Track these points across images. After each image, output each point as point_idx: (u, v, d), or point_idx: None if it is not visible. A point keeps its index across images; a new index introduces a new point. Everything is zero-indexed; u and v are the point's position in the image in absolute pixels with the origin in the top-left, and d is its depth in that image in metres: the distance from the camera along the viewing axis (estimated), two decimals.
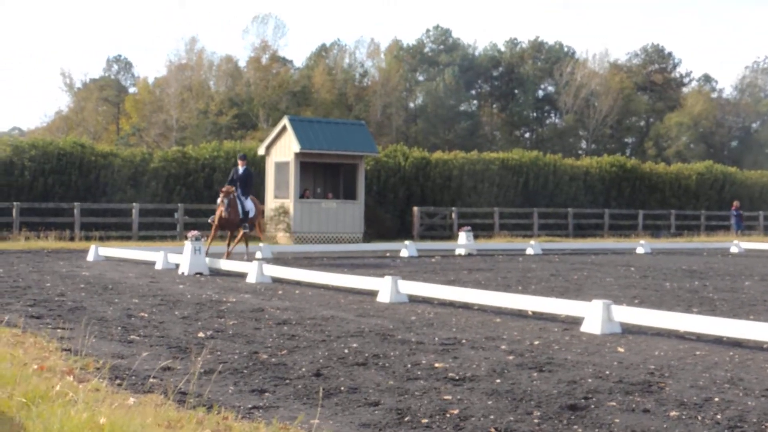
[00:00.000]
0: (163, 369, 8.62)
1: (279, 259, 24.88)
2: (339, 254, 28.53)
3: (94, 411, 6.40)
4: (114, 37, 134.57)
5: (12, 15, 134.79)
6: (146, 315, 12.83)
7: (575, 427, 6.66)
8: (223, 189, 23.48)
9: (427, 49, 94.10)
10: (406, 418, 6.86)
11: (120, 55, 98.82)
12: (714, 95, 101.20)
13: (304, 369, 8.77)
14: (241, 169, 24.08)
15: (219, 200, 23.33)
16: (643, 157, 74.45)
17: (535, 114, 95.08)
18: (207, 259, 20.52)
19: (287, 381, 8.21)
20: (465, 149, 51.34)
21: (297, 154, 33.62)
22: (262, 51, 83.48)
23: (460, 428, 6.61)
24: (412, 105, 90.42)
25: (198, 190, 38.39)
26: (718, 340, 10.91)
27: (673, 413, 7.09)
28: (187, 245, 20.20)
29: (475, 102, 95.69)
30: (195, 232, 20.44)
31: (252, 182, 24.77)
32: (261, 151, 35.90)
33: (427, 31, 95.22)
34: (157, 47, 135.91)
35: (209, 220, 24.01)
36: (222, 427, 6.32)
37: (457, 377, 8.44)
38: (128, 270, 21.16)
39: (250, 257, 24.03)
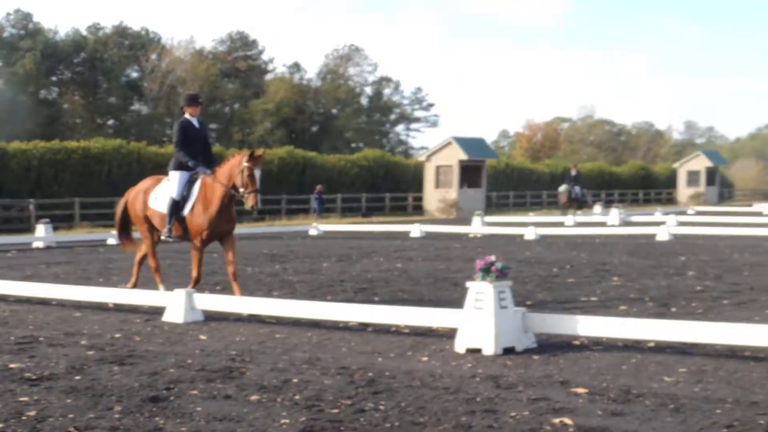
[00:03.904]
0: None
1: None
2: None
3: None
4: None
5: None
6: None
7: (157, 419, 6.59)
8: (257, 152, 13.13)
9: (6, 34, 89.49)
10: None
11: None
12: (303, 82, 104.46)
13: None
14: (196, 121, 13.67)
15: (243, 174, 12.76)
16: (229, 143, 75.47)
17: (119, 101, 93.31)
18: None
19: None
20: (46, 138, 49.46)
21: None
22: None
23: (37, 430, 6.33)
24: None
25: None
26: (297, 322, 11.23)
27: (253, 397, 7.21)
28: None
29: (56, 89, 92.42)
30: None
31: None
32: None
33: (8, 14, 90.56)
34: None
35: (165, 234, 13.45)
36: None
37: (34, 377, 8.09)
38: None
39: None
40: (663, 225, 29.92)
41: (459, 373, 8.07)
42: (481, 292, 9.04)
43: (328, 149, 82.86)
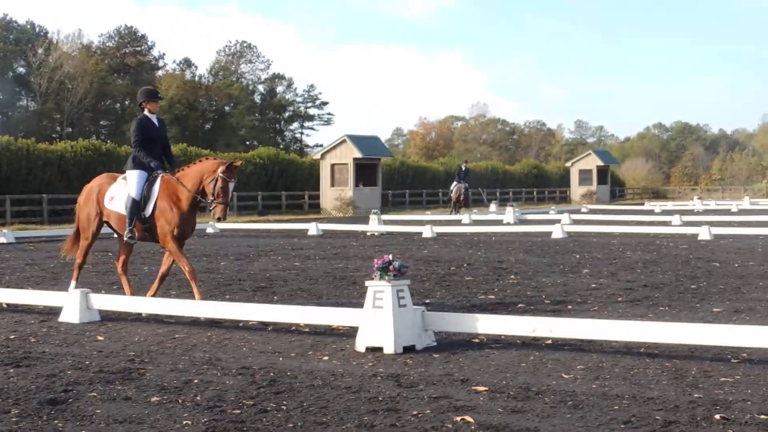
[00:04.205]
0: None
1: None
2: None
3: None
4: None
5: None
6: None
7: (56, 421, 6.48)
8: (236, 164, 12.31)
9: None
10: None
11: None
12: (194, 79, 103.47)
13: None
14: (156, 118, 12.74)
15: (215, 184, 11.89)
16: (121, 140, 74.36)
17: (6, 97, 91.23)
18: None
19: None
20: None
21: None
22: None
23: None
24: None
25: None
26: (197, 322, 11.15)
27: (154, 399, 7.13)
28: None
29: None
30: None
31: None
32: None
33: None
34: None
35: (127, 237, 12.39)
36: None
37: None
38: None
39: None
40: (558, 223, 30.36)
41: (360, 372, 8.09)
42: (380, 291, 9.08)
43: (222, 147, 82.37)
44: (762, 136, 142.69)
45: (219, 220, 12.05)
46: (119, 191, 12.50)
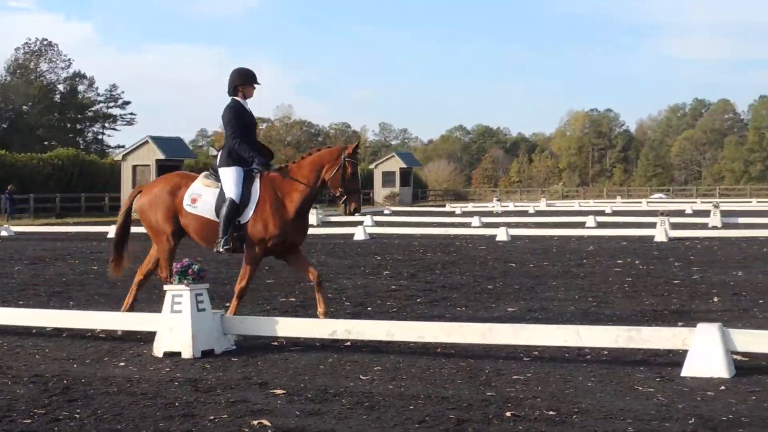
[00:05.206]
0: None
1: None
2: None
3: None
4: None
5: None
6: None
7: None
8: (353, 144, 10.72)
9: None
10: None
11: None
12: None
13: None
14: (248, 104, 11.11)
15: (344, 171, 10.43)
16: None
17: None
18: None
19: None
20: None
21: None
22: None
23: None
24: None
25: None
26: None
27: None
28: None
29: None
30: None
31: None
32: None
33: None
34: None
35: (221, 247, 10.33)
36: None
37: None
38: None
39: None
40: (360, 225, 30.63)
41: (157, 378, 7.98)
42: (178, 296, 8.99)
43: (19, 148, 79.53)
44: (559, 140, 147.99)
45: (354, 212, 10.62)
46: (203, 191, 10.58)
